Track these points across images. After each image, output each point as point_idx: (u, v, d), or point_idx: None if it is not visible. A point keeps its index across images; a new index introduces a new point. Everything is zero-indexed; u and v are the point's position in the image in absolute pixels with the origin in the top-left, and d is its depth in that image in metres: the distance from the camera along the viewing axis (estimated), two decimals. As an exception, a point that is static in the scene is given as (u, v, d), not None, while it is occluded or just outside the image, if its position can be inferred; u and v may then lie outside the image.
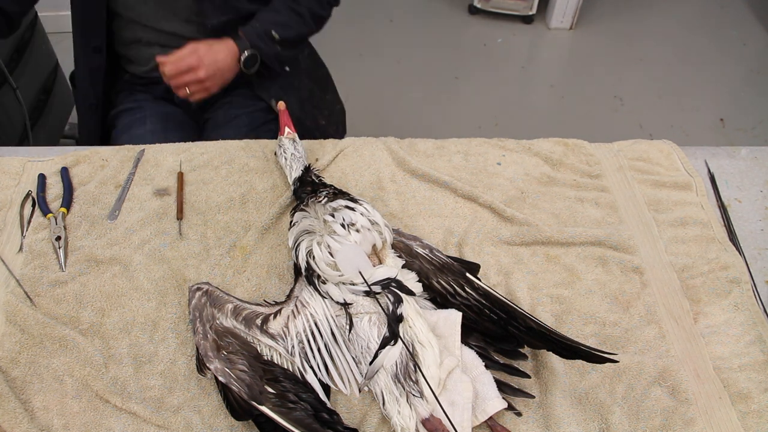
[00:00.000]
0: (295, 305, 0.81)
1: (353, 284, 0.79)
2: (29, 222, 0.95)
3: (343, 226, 0.81)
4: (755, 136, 2.36)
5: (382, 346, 0.74)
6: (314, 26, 1.21)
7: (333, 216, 0.82)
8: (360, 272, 0.78)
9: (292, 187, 0.95)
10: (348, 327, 0.78)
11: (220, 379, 0.73)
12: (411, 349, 0.74)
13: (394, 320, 0.75)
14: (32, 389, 0.77)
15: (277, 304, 0.82)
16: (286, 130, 1.00)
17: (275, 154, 1.02)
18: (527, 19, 2.81)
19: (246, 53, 1.09)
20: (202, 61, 1.07)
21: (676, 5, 2.97)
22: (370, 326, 0.77)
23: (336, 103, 1.53)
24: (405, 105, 2.41)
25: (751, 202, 1.03)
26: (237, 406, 0.72)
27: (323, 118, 1.43)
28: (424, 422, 0.70)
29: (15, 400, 0.75)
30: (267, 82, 1.26)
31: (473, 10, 2.85)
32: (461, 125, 2.37)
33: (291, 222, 0.88)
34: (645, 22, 2.88)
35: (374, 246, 0.82)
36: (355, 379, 0.77)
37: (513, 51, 2.72)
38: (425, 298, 0.83)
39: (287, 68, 1.24)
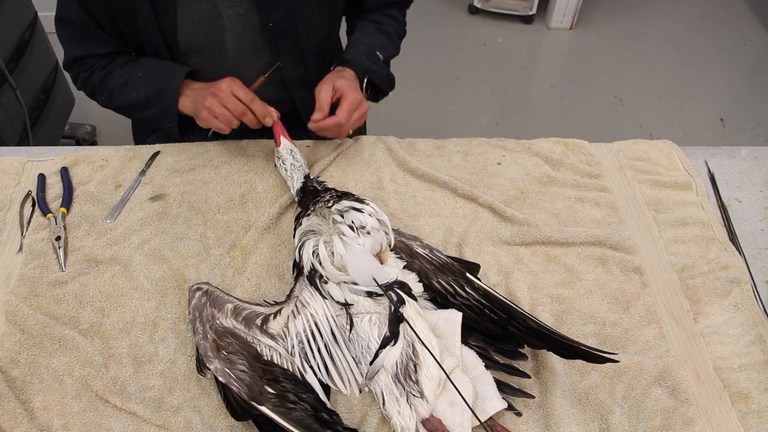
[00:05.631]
0: (296, 305, 0.81)
1: (355, 284, 0.79)
2: (29, 222, 0.95)
3: (351, 228, 0.81)
4: (755, 136, 2.36)
5: (383, 346, 0.74)
6: (398, 47, 1.19)
7: (342, 216, 0.82)
8: (374, 279, 0.78)
9: (296, 198, 0.95)
10: (348, 327, 0.78)
11: (220, 379, 0.73)
12: (411, 350, 0.74)
13: (395, 320, 0.75)
14: (32, 389, 0.77)
15: (277, 304, 0.82)
16: (282, 140, 0.98)
17: (275, 165, 1.01)
18: (527, 19, 2.81)
19: (365, 80, 1.04)
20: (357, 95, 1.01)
21: (676, 5, 2.97)
22: (371, 326, 0.76)
23: None
24: (405, 105, 2.41)
25: (751, 202, 1.03)
26: (237, 406, 0.72)
27: None
28: (424, 422, 0.70)
29: (15, 400, 0.75)
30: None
31: (473, 10, 2.85)
32: (461, 125, 2.37)
33: (296, 227, 0.88)
34: (645, 22, 2.88)
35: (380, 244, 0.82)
36: (356, 379, 0.77)
37: (513, 51, 2.72)
38: (425, 299, 0.83)
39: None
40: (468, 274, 0.82)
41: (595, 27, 2.83)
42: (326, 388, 0.76)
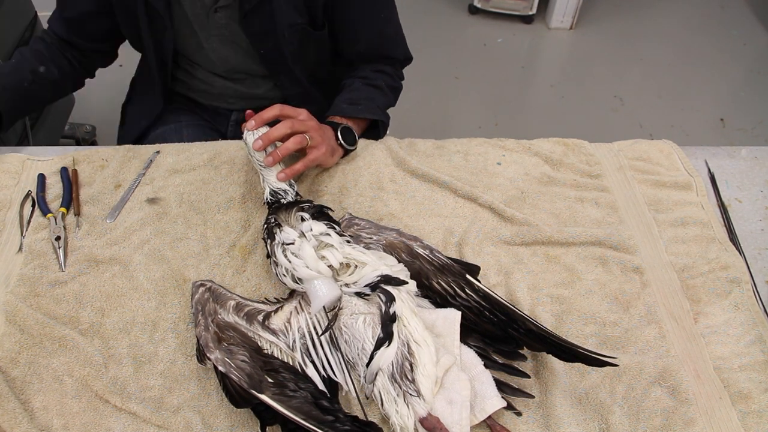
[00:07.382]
0: (299, 302, 0.81)
1: (347, 285, 0.79)
2: (29, 222, 0.95)
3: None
4: (755, 136, 2.36)
5: (377, 347, 0.74)
6: (393, 98, 1.20)
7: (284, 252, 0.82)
8: (324, 307, 0.79)
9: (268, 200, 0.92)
10: (330, 331, 0.79)
11: (220, 368, 0.73)
12: (407, 349, 0.73)
13: (388, 320, 0.74)
14: (32, 389, 0.77)
15: (279, 301, 0.83)
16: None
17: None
18: (527, 19, 2.81)
19: (340, 126, 1.03)
20: (314, 122, 0.98)
21: (676, 5, 2.97)
22: (365, 327, 0.76)
23: None
24: (405, 105, 2.40)
25: (751, 202, 1.03)
26: (236, 395, 0.72)
27: None
28: (422, 421, 0.70)
29: (15, 400, 0.75)
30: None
31: (473, 10, 2.85)
32: (461, 125, 2.37)
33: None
34: (645, 22, 2.88)
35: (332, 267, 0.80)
36: (356, 378, 0.77)
37: (513, 51, 2.72)
38: (423, 297, 0.83)
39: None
40: (468, 276, 0.82)
41: (595, 27, 2.83)
42: (331, 386, 0.76)
